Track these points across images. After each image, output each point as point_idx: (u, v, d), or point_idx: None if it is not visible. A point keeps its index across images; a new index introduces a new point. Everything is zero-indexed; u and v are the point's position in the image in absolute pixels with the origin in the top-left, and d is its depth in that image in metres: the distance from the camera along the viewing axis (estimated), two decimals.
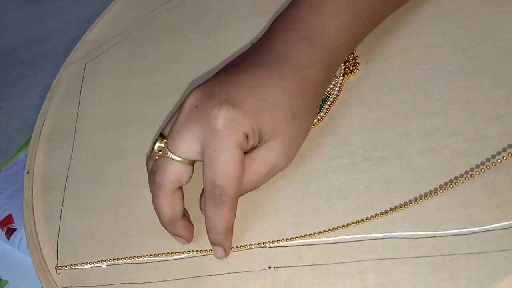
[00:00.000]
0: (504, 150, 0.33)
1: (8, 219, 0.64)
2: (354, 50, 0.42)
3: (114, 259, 0.39)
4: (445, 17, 0.40)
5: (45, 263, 0.41)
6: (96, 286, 0.38)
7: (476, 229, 0.31)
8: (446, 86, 0.37)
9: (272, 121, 0.35)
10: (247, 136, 0.34)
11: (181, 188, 0.37)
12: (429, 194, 0.33)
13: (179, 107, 0.36)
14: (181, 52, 0.50)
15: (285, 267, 0.34)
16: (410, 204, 0.33)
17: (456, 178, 0.33)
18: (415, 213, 0.33)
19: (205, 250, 0.37)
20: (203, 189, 0.36)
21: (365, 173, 0.36)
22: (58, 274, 0.40)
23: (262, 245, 0.36)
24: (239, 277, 0.35)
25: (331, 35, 0.38)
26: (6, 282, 0.61)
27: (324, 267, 0.33)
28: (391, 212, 0.33)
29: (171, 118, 0.38)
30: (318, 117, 0.39)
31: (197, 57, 0.49)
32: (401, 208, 0.33)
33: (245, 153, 0.35)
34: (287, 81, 0.36)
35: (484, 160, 0.33)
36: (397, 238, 0.32)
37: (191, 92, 0.36)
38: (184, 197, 0.37)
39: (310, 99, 0.37)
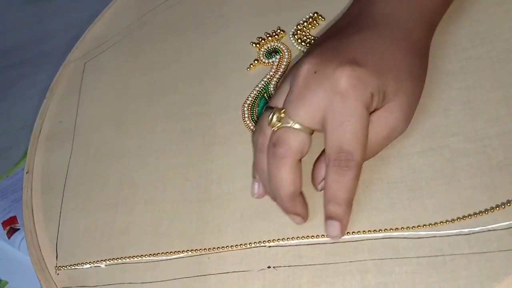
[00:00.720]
0: None
1: (12, 219, 0.64)
2: None
3: (113, 259, 0.39)
4: (445, 17, 0.40)
5: (45, 263, 0.41)
6: (95, 286, 0.38)
7: (477, 229, 0.31)
8: (446, 86, 0.37)
9: (395, 80, 0.34)
10: (372, 96, 0.33)
11: (300, 160, 0.34)
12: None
13: (293, 76, 0.35)
14: (181, 51, 0.50)
15: (285, 266, 0.34)
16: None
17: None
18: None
19: (204, 249, 0.37)
20: (315, 161, 0.36)
21: (365, 173, 0.35)
22: (58, 274, 0.40)
23: (262, 245, 0.35)
24: (239, 276, 0.35)
25: None
26: (6, 282, 0.61)
27: (324, 266, 0.33)
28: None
29: (278, 90, 0.36)
30: None
31: (197, 57, 0.49)
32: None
33: None
34: (401, 41, 0.35)
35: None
36: (397, 238, 0.32)
37: (304, 60, 0.34)
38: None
39: (421, 58, 0.37)
